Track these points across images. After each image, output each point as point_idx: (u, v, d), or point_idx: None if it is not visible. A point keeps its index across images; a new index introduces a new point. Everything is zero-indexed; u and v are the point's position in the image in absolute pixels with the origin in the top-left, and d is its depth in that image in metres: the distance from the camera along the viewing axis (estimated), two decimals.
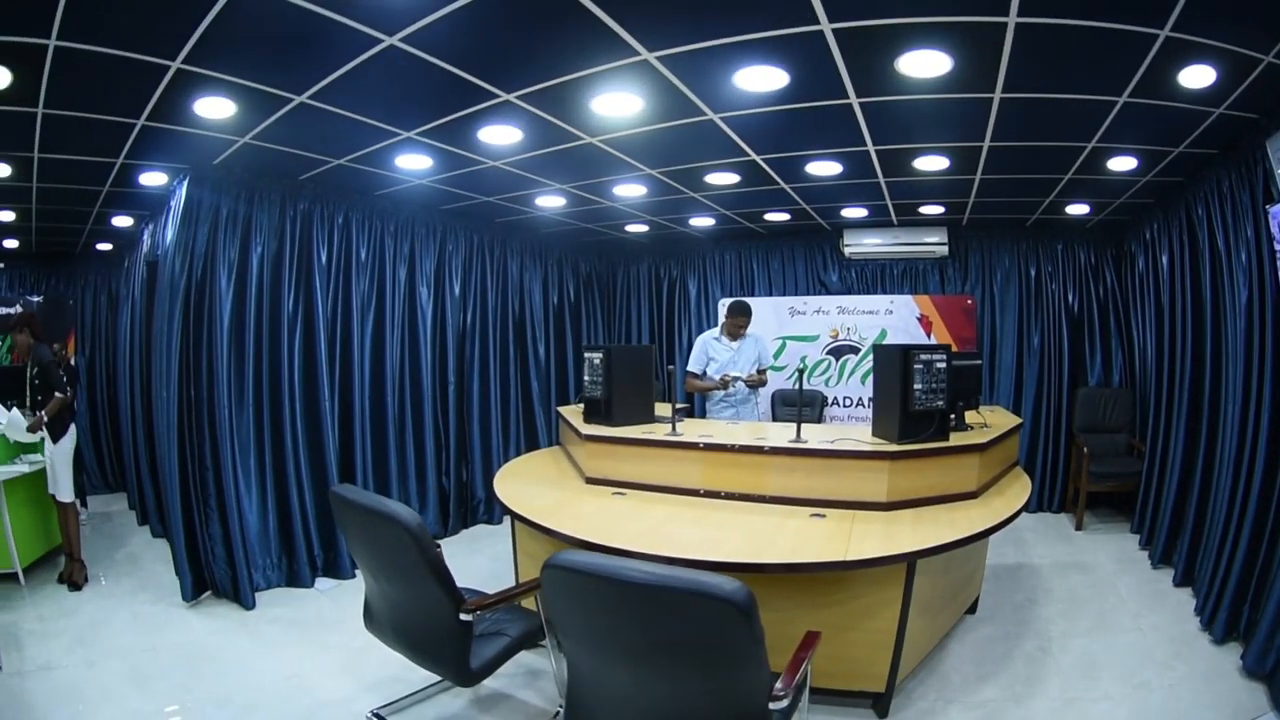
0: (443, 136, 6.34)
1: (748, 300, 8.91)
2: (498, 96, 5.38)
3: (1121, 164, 6.97)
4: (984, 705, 4.97)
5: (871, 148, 6.65)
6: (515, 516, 5.51)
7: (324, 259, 8.02)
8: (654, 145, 6.61)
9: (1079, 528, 9.13)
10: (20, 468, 7.85)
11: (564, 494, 6.04)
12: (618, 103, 5.51)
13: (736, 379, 8.41)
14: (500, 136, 6.35)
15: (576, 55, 4.76)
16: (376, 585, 4.48)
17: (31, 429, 7.75)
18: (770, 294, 11.73)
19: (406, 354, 9.03)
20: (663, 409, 7.23)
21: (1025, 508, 5.51)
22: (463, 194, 8.46)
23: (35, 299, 12.54)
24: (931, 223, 10.21)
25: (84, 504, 8.89)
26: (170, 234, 7.32)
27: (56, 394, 7.50)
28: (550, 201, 8.93)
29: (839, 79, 5.05)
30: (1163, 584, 7.11)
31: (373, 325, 8.62)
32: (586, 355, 7.04)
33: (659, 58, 4.72)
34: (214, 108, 5.65)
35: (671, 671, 3.09)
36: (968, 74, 4.93)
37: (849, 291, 11.33)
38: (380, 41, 4.45)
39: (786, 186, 8.18)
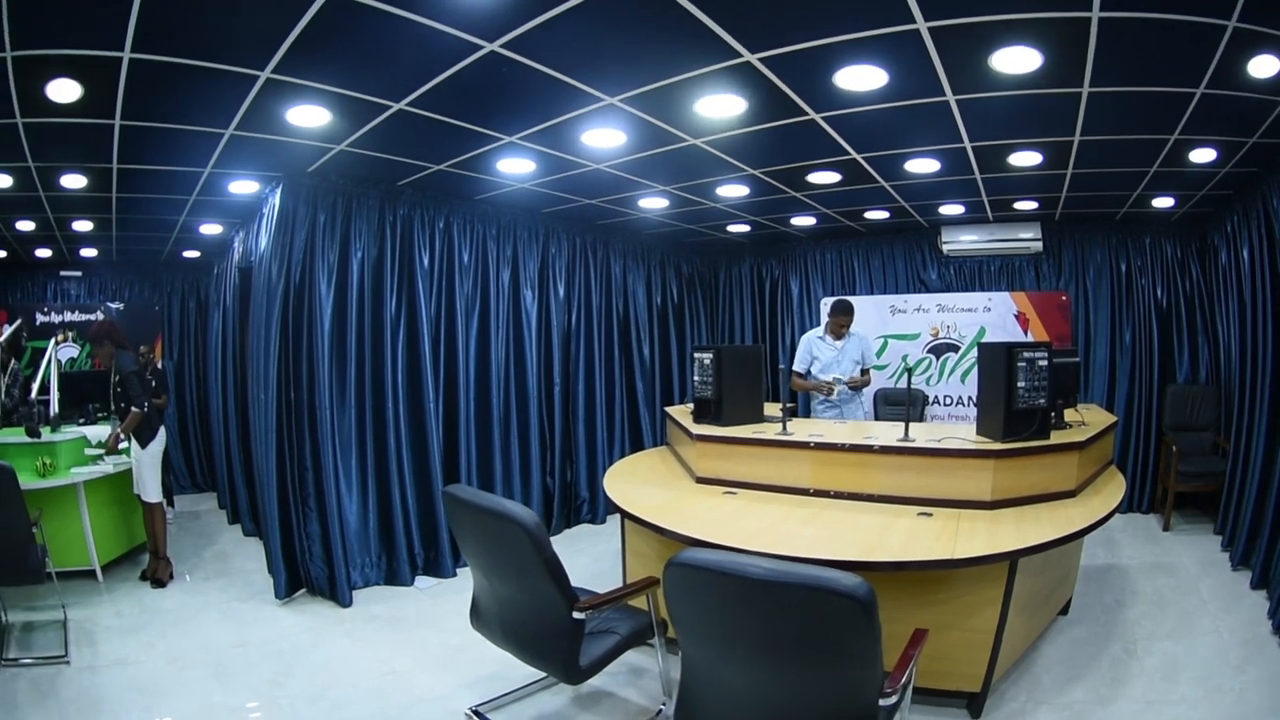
0: (546, 140, 6.48)
1: (850, 299, 8.98)
2: (601, 100, 5.50)
3: (1202, 155, 7.01)
4: (1071, 707, 4.99)
5: (968, 144, 6.75)
6: (627, 516, 5.59)
7: (426, 262, 8.21)
8: (756, 145, 6.71)
9: (1166, 528, 9.10)
10: (104, 468, 8.04)
11: (675, 494, 6.11)
12: (721, 104, 5.61)
13: (838, 381, 8.50)
14: (604, 139, 6.48)
15: (679, 58, 4.86)
16: (487, 584, 4.58)
17: (109, 450, 8.00)
18: (871, 292, 11.79)
19: (512, 355, 9.19)
20: (769, 409, 7.38)
21: (1117, 508, 5.48)
22: (565, 197, 8.61)
23: (115, 306, 12.94)
24: (1026, 218, 10.27)
25: (170, 504, 9.02)
26: (265, 241, 7.53)
27: (133, 409, 7.65)
28: (653, 203, 9.07)
29: (936, 77, 5.13)
30: (1241, 586, 7.10)
31: (478, 327, 8.79)
32: (696, 356, 7.16)
33: (761, 59, 4.81)
34: (308, 116, 5.79)
35: (787, 667, 3.15)
36: (1057, 69, 5.00)
37: (948, 289, 11.41)
38: (480, 48, 4.56)
39: (886, 184, 8.28)
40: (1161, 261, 10.33)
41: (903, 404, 7.32)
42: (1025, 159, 7.22)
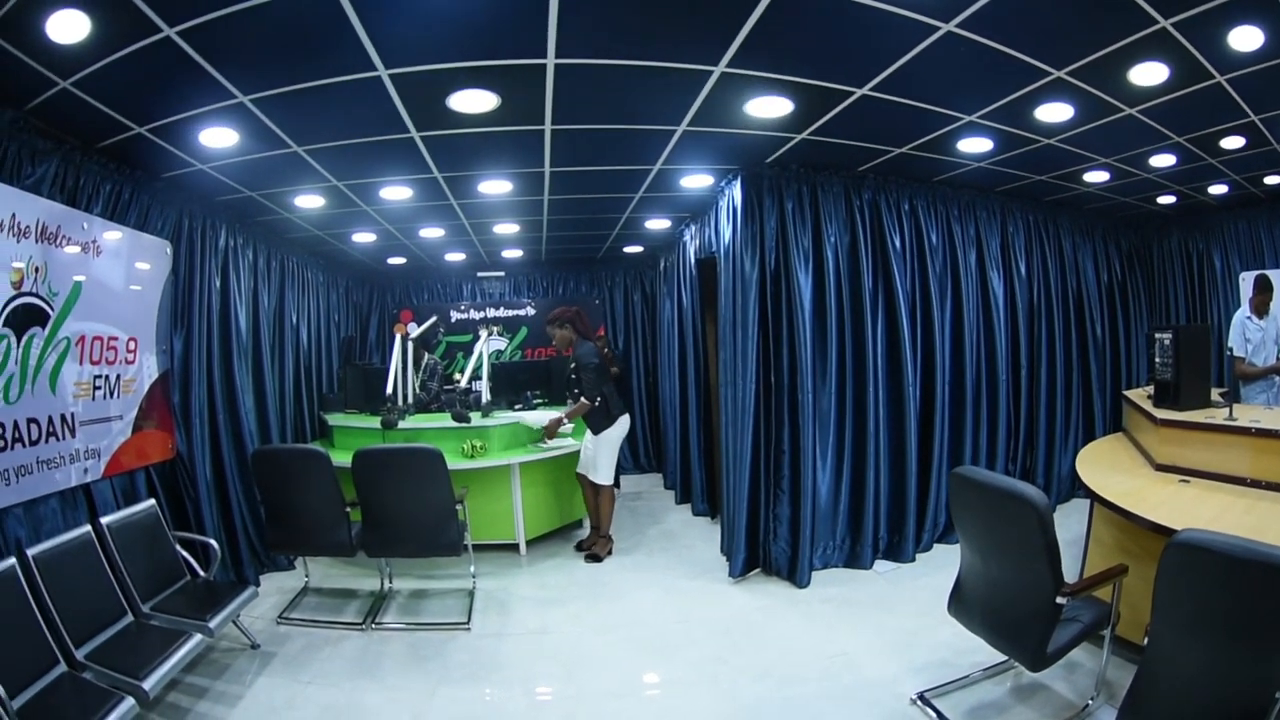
0: (1001, 118, 6.51)
1: (1268, 273, 8.60)
2: (1050, 74, 5.51)
3: None
4: None
5: None
6: (1103, 503, 5.42)
7: (898, 244, 8.27)
8: (1178, 111, 6.55)
9: None
10: (542, 452, 8.70)
11: (1137, 481, 5.93)
12: (1147, 72, 5.58)
13: None
14: (1054, 114, 6.44)
15: (1111, 27, 4.87)
16: (981, 565, 4.68)
17: (549, 434, 8.66)
18: (1278, 265, 10.81)
19: (982, 336, 9.12)
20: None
21: None
22: (1018, 174, 8.57)
23: (530, 300, 14.20)
24: None
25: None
26: (729, 232, 7.89)
27: (583, 399, 8.25)
28: (1096, 176, 8.87)
29: None
30: None
31: (951, 308, 8.77)
32: (1156, 336, 7.02)
33: (1173, 24, 4.79)
34: (768, 107, 5.99)
35: (1235, 652, 3.21)
36: None
37: None
38: (937, 29, 4.64)
39: (1279, 146, 7.85)
40: None
41: None
42: None
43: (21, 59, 4.51)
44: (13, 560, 4.77)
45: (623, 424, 8.51)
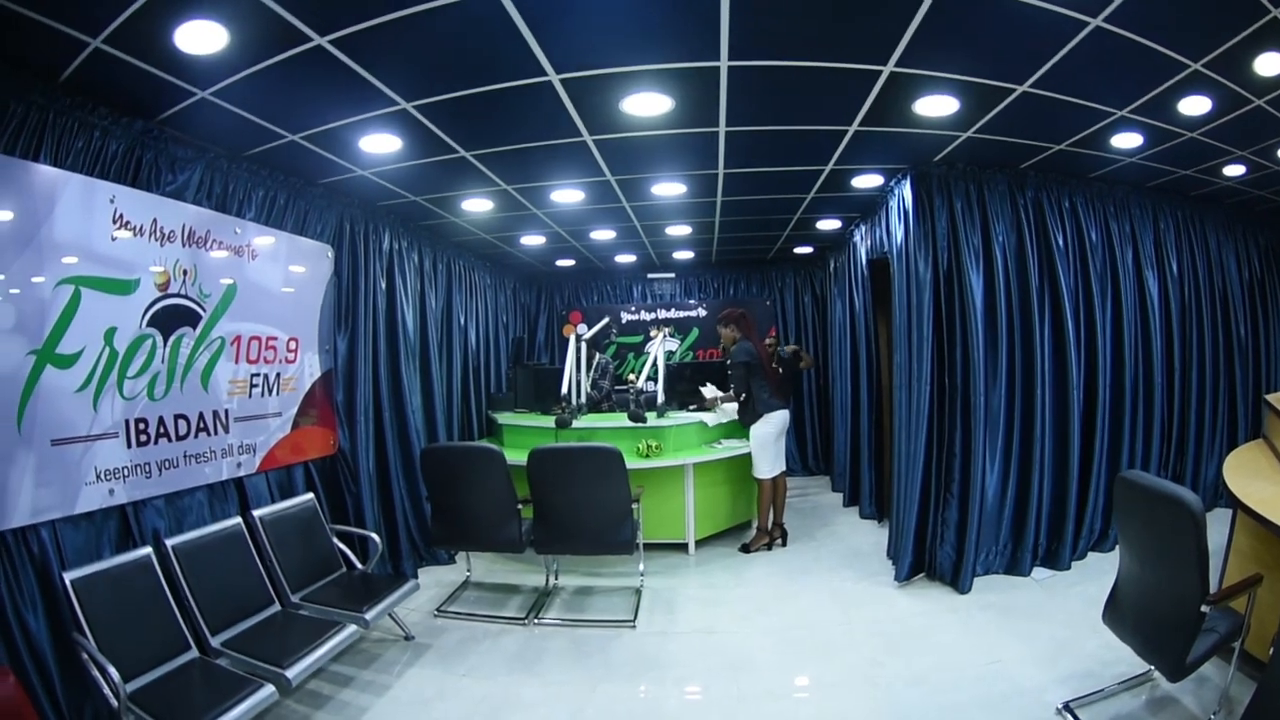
0: (1149, 111, 6.44)
1: None
2: (1188, 66, 5.47)
3: None
4: None
5: None
6: (1244, 509, 5.19)
7: (1061, 243, 8.14)
8: None
9: None
10: (716, 453, 8.95)
11: (1273, 488, 5.63)
12: (1268, 62, 5.50)
13: None
14: (1194, 106, 6.36)
15: (1231, 18, 4.83)
16: (1139, 571, 4.67)
17: (709, 407, 9.28)
18: None
19: (1139, 338, 8.80)
20: None
21: None
22: (1166, 169, 8.38)
23: (697, 300, 14.46)
24: None
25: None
26: (900, 232, 7.98)
27: (722, 391, 8.71)
28: (1234, 170, 8.61)
29: None
30: None
31: (1111, 308, 8.53)
32: None
33: None
34: (936, 106, 6.07)
35: None
36: None
37: None
38: (1087, 24, 4.68)
39: None
40: None
41: None
42: None
43: (146, 70, 4.73)
44: (146, 550, 5.13)
45: (772, 420, 8.70)
